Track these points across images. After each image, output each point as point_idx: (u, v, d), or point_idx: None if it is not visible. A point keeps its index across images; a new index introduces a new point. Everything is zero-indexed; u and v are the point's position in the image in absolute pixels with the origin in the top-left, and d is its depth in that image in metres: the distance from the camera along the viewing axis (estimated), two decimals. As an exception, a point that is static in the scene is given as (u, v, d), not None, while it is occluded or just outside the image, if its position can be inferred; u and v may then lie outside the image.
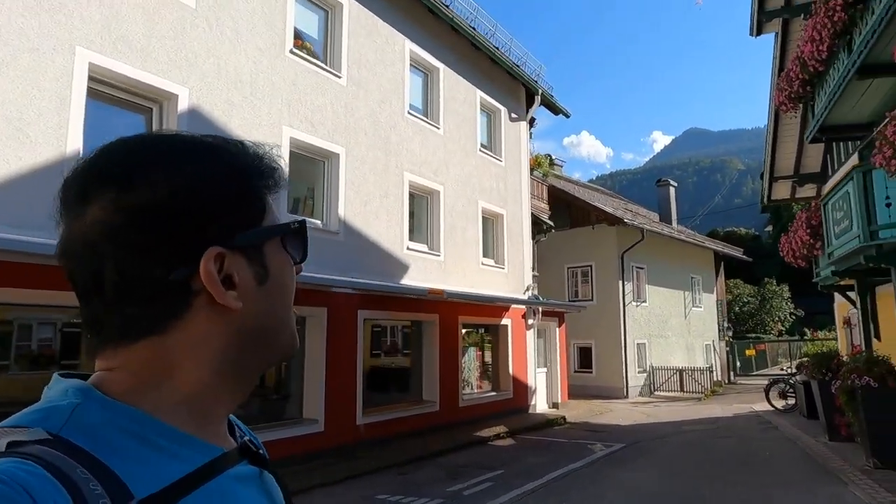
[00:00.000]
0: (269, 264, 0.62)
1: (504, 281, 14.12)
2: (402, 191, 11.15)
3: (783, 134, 15.45)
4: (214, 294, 0.56)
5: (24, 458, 0.45)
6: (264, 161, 0.65)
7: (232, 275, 0.58)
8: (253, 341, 0.61)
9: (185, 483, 0.52)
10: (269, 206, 0.65)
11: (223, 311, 0.58)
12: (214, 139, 0.64)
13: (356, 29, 10.44)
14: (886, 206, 7.94)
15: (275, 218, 0.65)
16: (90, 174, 0.57)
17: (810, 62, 10.35)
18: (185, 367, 0.57)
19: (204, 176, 0.58)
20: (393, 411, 10.38)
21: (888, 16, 7.49)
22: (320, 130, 9.51)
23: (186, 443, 0.56)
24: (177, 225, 0.56)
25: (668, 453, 10.15)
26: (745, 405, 16.80)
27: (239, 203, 0.60)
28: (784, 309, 38.03)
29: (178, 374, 0.57)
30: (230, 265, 0.58)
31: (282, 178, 0.66)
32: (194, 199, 0.57)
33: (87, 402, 0.53)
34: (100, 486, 0.47)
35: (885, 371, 7.71)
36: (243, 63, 8.37)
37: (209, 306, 0.57)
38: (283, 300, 0.64)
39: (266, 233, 0.62)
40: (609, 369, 20.07)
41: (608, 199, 27.02)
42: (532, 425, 12.90)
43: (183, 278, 0.56)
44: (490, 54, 13.72)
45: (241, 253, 0.59)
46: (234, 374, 0.61)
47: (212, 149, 0.62)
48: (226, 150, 0.62)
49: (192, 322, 0.57)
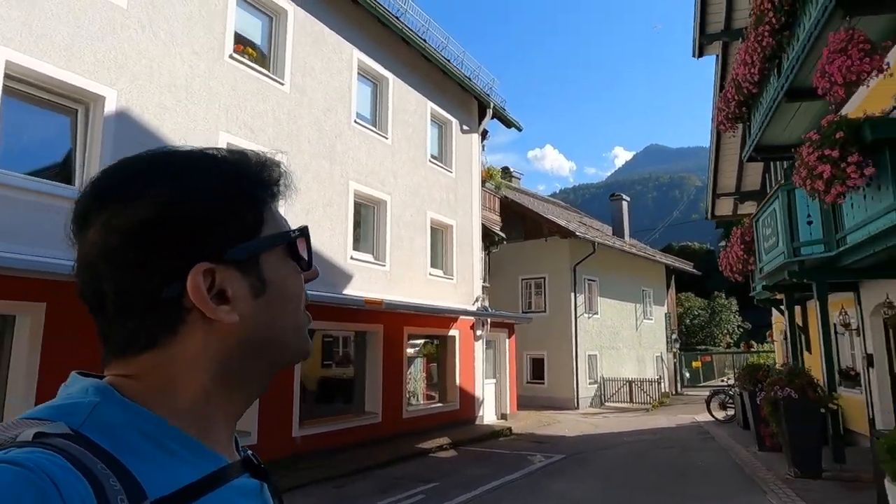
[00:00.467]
0: (266, 276, 0.62)
1: (453, 292, 14.14)
2: (347, 200, 11.07)
3: (725, 152, 16.00)
4: (203, 310, 0.57)
5: (49, 450, 0.47)
6: (265, 170, 0.65)
7: (225, 289, 0.59)
8: (256, 351, 0.62)
9: (194, 489, 0.54)
10: (271, 216, 0.65)
11: (218, 324, 0.58)
12: (214, 152, 0.64)
13: (301, 36, 10.36)
14: (808, 223, 8.27)
15: (278, 227, 0.65)
16: (88, 198, 0.60)
17: (744, 84, 10.76)
18: (187, 379, 0.59)
19: (191, 192, 0.59)
20: (332, 423, 10.22)
21: (810, 43, 7.84)
22: (261, 137, 9.37)
23: (196, 450, 0.57)
24: (165, 242, 0.57)
25: (607, 464, 10.27)
26: (688, 416, 17.18)
27: (230, 216, 0.60)
28: (732, 322, 39.26)
29: (182, 384, 0.59)
30: (223, 280, 0.59)
31: (287, 186, 0.67)
32: (181, 216, 0.58)
33: (106, 402, 0.55)
34: (118, 483, 0.48)
35: (805, 383, 7.98)
36: (178, 66, 8.20)
37: (204, 320, 0.58)
38: (288, 309, 0.65)
39: (259, 245, 0.62)
40: (560, 380, 20.28)
41: (563, 212, 27.44)
42: (477, 437, 12.88)
43: (176, 294, 0.57)
44: (441, 66, 13.81)
45: (234, 266, 0.60)
46: (240, 383, 0.63)
47: (205, 163, 0.63)
48: (221, 163, 0.63)
49: (188, 336, 0.58)
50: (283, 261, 0.64)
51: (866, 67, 6.69)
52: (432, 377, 13.94)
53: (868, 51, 6.69)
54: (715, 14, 12.85)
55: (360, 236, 11.82)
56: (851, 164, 6.11)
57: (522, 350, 20.32)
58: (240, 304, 0.60)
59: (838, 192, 6.34)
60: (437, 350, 13.99)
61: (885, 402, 9.34)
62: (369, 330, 11.54)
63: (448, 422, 13.24)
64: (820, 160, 6.34)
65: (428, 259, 13.36)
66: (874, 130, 5.89)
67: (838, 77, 6.89)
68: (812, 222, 8.22)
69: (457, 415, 13.72)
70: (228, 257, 0.59)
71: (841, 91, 7.01)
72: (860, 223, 6.84)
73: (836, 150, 6.20)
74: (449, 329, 13.80)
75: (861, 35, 6.78)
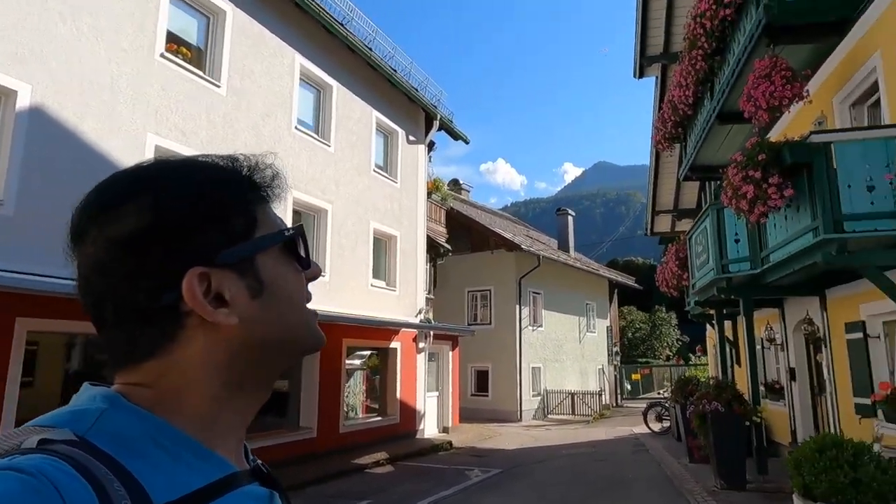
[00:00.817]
0: (263, 276, 0.62)
1: (395, 303, 13.96)
2: (285, 208, 10.75)
3: (664, 171, 16.52)
4: (202, 314, 0.57)
5: (52, 456, 0.47)
6: (257, 172, 0.66)
7: (222, 292, 0.59)
8: (262, 350, 0.62)
9: (200, 495, 0.53)
10: (265, 217, 0.65)
11: (218, 328, 0.58)
12: (205, 159, 0.65)
13: (240, 38, 10.06)
14: (735, 241, 8.55)
15: (273, 227, 0.65)
16: (80, 212, 0.60)
17: (680, 106, 11.12)
18: (192, 384, 0.59)
19: (177, 199, 0.59)
20: (262, 439, 9.82)
21: (739, 68, 8.14)
22: (192, 140, 9.00)
23: (203, 456, 0.57)
24: (156, 251, 0.57)
25: (542, 478, 10.27)
26: (626, 428, 17.49)
27: (221, 220, 0.60)
28: (672, 335, 40.52)
29: (188, 389, 0.59)
30: (219, 283, 0.59)
31: (280, 186, 0.68)
32: (169, 224, 0.58)
33: (113, 409, 0.55)
34: (122, 488, 0.48)
35: (731, 396, 8.21)
36: (103, 63, 7.78)
37: (204, 325, 0.58)
38: (291, 306, 0.65)
39: (253, 246, 0.62)
40: (504, 393, 20.33)
41: (511, 225, 27.72)
42: (416, 451, 12.69)
43: (172, 301, 0.57)
44: (388, 76, 13.71)
45: (230, 269, 0.60)
46: (247, 384, 0.62)
47: (193, 169, 0.63)
48: (211, 168, 0.64)
49: (189, 341, 0.58)
50: (281, 260, 0.64)
51: (788, 94, 6.99)
52: (374, 390, 13.67)
53: (790, 78, 7.00)
54: (654, 37, 13.29)
55: (299, 245, 11.52)
56: (772, 186, 6.34)
57: (467, 362, 20.29)
58: (239, 306, 0.60)
59: (761, 212, 6.56)
60: (379, 362, 13.74)
61: (806, 414, 9.73)
62: (306, 342, 11.20)
63: (388, 436, 13.00)
64: (744, 181, 6.55)
65: (370, 269, 13.15)
66: (793, 154, 6.13)
67: (763, 102, 7.17)
68: (739, 240, 8.50)
69: (397, 429, 13.49)
70: (223, 260, 0.59)
71: (765, 115, 7.30)
72: (781, 242, 7.10)
73: (758, 172, 6.42)
74: (390, 341, 13.60)
75: (784, 63, 7.09)
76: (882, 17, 6.36)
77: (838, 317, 7.99)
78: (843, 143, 6.00)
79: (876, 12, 6.46)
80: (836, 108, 7.65)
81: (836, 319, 8.06)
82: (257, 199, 0.65)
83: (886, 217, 5.76)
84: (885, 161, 5.74)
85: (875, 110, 7.13)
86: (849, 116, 7.51)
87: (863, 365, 7.30)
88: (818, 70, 7.85)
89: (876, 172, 5.79)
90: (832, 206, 5.87)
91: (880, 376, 7.05)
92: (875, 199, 5.81)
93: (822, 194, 5.93)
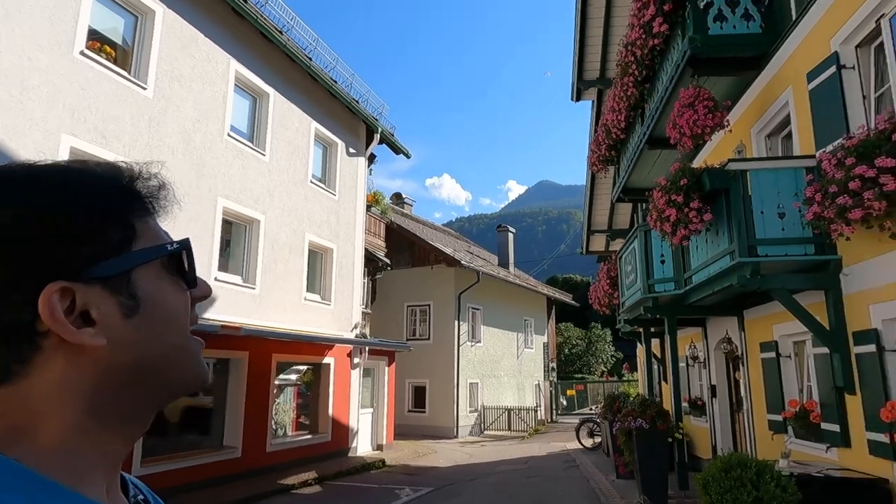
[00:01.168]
0: (140, 293, 0.56)
1: (330, 318, 13.66)
2: (214, 217, 10.36)
3: (599, 192, 17.01)
4: (61, 333, 0.51)
5: None
6: (139, 182, 0.61)
7: (88, 310, 0.53)
8: (133, 377, 0.56)
9: None
10: (147, 230, 0.59)
11: (83, 350, 0.52)
12: (79, 165, 0.59)
13: (171, 40, 9.68)
14: (661, 262, 8.84)
15: (156, 241, 0.59)
16: None
17: (613, 130, 11.48)
18: (49, 414, 0.52)
19: (41, 207, 0.53)
20: (181, 460, 9.32)
21: (667, 95, 8.47)
22: (114, 144, 8.54)
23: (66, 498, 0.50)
24: (9, 263, 0.51)
25: (473, 496, 10.20)
26: (560, 444, 17.70)
27: (92, 232, 0.55)
28: (606, 352, 41.63)
29: (43, 421, 0.52)
30: (85, 299, 0.53)
31: (166, 197, 0.63)
32: (27, 233, 0.52)
33: None
34: None
35: (655, 413, 8.41)
36: (13, 59, 7.28)
37: (65, 347, 0.52)
38: (170, 328, 0.59)
39: (127, 260, 0.56)
40: (441, 409, 20.22)
41: (453, 240, 27.83)
42: (348, 470, 12.37)
43: (28, 319, 0.51)
44: (328, 87, 13.53)
45: (100, 285, 0.54)
46: (117, 415, 0.56)
47: (65, 176, 0.57)
48: (85, 175, 0.58)
49: (46, 365, 0.52)
50: (162, 277, 0.59)
51: (710, 123, 7.32)
52: (306, 407, 13.27)
53: (712, 108, 7.33)
54: (591, 63, 13.72)
55: (229, 256, 11.10)
56: (693, 210, 6.59)
57: (405, 378, 20.09)
58: (108, 326, 0.54)
59: (683, 234, 6.80)
60: (311, 378, 13.37)
61: (726, 430, 10.10)
62: (232, 357, 10.76)
63: (318, 454, 12.62)
64: (667, 204, 6.78)
65: (304, 283, 12.83)
66: (712, 180, 6.39)
67: (687, 129, 7.48)
68: (665, 261, 8.80)
69: (328, 447, 13.12)
70: (92, 275, 0.54)
71: (689, 142, 7.61)
72: (702, 264, 7.38)
73: (680, 196, 6.66)
74: (324, 356, 13.26)
75: (706, 93, 7.43)
76: (792, 56, 6.76)
77: (754, 336, 8.36)
78: (757, 171, 6.31)
79: (787, 51, 6.87)
80: (754, 139, 8.07)
81: (753, 339, 8.43)
82: (138, 210, 0.60)
83: (795, 243, 6.08)
84: (794, 189, 6.07)
85: (788, 142, 7.56)
86: (764, 147, 7.93)
87: (775, 383, 7.64)
88: (738, 101, 8.27)
89: (786, 200, 6.11)
90: (747, 231, 6.15)
91: (791, 394, 7.40)
92: (786, 226, 6.13)
93: (738, 219, 6.20)
